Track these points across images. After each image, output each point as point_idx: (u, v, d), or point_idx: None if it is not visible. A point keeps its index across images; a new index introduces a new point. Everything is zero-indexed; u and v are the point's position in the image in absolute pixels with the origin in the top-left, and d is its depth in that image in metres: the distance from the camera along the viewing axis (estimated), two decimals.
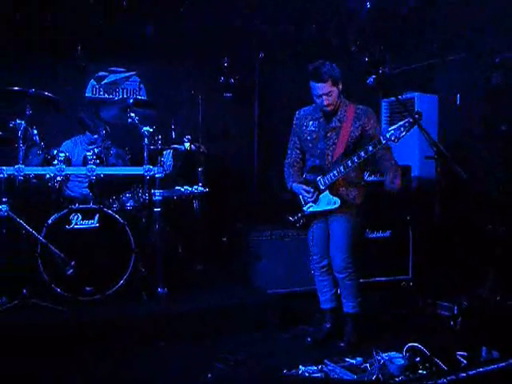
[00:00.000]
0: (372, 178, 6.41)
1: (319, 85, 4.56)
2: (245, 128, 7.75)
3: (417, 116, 4.30)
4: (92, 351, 4.53)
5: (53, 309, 4.92)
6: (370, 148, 4.44)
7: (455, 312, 5.04)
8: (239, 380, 4.13)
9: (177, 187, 6.04)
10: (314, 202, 4.74)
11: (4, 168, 5.05)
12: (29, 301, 4.93)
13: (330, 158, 4.70)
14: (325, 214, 4.78)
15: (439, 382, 2.33)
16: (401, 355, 4.14)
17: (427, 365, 3.95)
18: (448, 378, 2.33)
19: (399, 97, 5.85)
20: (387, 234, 6.54)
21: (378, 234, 6.51)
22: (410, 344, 4.16)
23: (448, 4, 6.64)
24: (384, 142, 4.39)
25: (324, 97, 4.59)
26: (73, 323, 4.82)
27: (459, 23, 6.74)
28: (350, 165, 4.51)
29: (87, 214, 5.32)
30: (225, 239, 7.10)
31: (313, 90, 4.64)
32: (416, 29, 7.21)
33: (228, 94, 7.56)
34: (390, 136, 4.35)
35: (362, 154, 4.46)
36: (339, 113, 4.71)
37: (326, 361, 4.24)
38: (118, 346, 4.65)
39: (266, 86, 7.71)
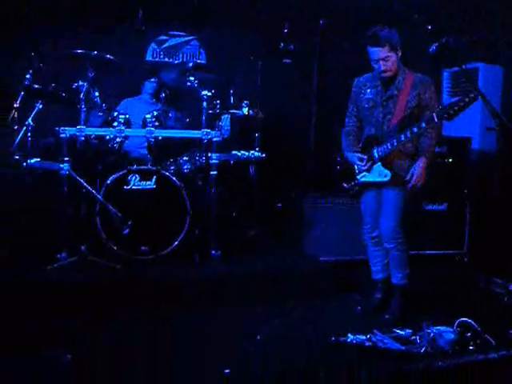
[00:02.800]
0: None
1: (376, 49, 4.47)
2: (303, 95, 7.70)
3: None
4: (144, 310, 4.64)
5: (109, 266, 5.07)
6: (423, 124, 4.34)
7: (510, 289, 4.97)
8: (287, 344, 4.16)
9: (233, 152, 6.06)
10: (367, 170, 4.70)
11: (66, 129, 5.19)
12: (86, 257, 5.09)
13: (385, 127, 4.63)
14: (377, 185, 4.75)
15: (490, 356, 2.31)
16: (451, 330, 4.10)
17: (478, 341, 3.90)
18: (499, 352, 2.30)
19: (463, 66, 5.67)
20: (443, 206, 6.44)
21: (434, 207, 6.43)
22: (461, 319, 4.12)
23: None
24: (437, 119, 4.26)
25: (381, 62, 4.50)
26: (127, 281, 4.97)
27: None
28: (403, 139, 4.44)
29: (145, 176, 5.42)
30: (279, 205, 7.11)
31: (370, 55, 4.54)
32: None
33: (287, 61, 7.49)
34: (444, 114, 4.21)
35: (415, 129, 4.37)
36: (397, 81, 4.60)
37: (374, 330, 4.25)
38: (169, 306, 4.74)
39: (326, 53, 7.62)
